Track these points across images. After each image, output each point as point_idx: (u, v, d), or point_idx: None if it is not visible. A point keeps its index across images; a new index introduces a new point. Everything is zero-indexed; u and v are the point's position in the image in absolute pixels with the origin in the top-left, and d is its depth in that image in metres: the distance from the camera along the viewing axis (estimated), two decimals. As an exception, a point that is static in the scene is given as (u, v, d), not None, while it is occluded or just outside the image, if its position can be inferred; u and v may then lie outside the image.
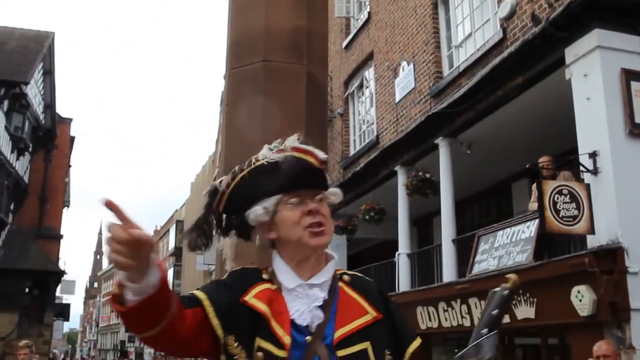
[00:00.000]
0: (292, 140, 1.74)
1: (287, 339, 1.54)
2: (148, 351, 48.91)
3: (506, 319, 9.10)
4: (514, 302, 8.92)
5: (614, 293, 7.31)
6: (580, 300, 7.59)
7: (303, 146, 1.71)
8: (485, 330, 1.59)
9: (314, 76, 3.24)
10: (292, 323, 1.58)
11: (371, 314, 1.67)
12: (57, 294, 27.16)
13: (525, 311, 8.71)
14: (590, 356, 6.41)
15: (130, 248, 1.33)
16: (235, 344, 1.55)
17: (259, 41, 3.18)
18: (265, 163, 1.69)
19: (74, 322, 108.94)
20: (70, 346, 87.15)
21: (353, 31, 16.38)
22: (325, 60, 3.46)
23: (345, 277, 1.74)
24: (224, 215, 1.76)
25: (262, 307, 1.58)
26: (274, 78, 3.13)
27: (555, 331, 9.28)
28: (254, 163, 1.71)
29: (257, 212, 1.67)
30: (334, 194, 1.79)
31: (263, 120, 3.09)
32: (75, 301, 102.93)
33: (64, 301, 31.47)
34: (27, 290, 21.47)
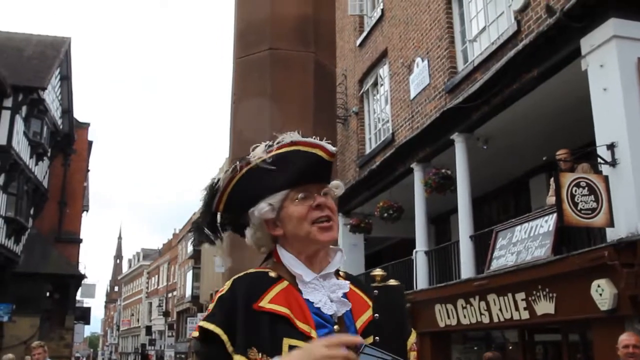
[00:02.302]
0: (294, 135, 1.68)
1: (314, 334, 1.53)
2: (169, 354, 49.15)
3: (525, 314, 9.00)
4: (532, 298, 8.82)
5: (635, 286, 7.17)
6: (601, 295, 7.47)
7: (310, 140, 1.66)
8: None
9: (322, 64, 3.20)
10: (318, 313, 1.56)
11: (371, 307, 1.65)
12: (78, 297, 27.34)
13: (544, 306, 8.60)
14: (612, 350, 6.29)
15: None
16: (259, 355, 1.49)
17: (265, 29, 3.15)
18: (268, 159, 1.64)
19: (95, 326, 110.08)
20: (92, 350, 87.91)
21: (367, 29, 16.32)
22: (334, 48, 3.42)
23: (341, 273, 1.72)
24: (220, 214, 1.72)
25: (282, 310, 1.54)
26: (281, 66, 3.09)
27: (576, 327, 9.15)
28: (254, 160, 1.65)
29: (262, 210, 1.63)
30: (337, 186, 1.74)
31: (271, 110, 3.05)
32: (96, 305, 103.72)
33: (85, 305, 31.63)
34: (47, 294, 21.66)
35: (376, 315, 1.60)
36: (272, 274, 1.62)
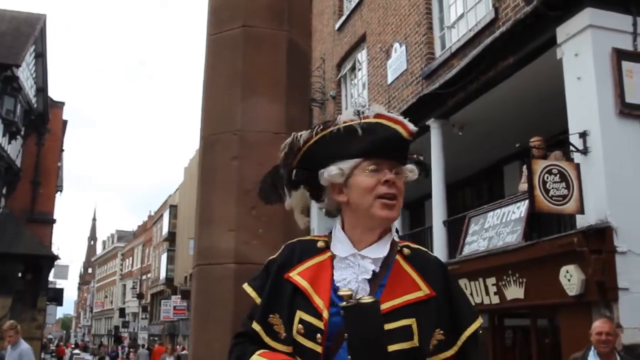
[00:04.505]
0: (380, 108, 1.71)
1: (325, 313, 1.55)
2: (142, 336, 49.04)
3: (495, 299, 9.13)
4: (503, 283, 8.94)
5: (602, 273, 7.32)
6: (569, 280, 7.60)
7: (394, 115, 1.68)
8: None
9: (295, 43, 3.19)
10: (337, 291, 1.57)
11: (424, 291, 1.60)
12: (51, 278, 27.03)
13: (514, 291, 8.73)
14: (579, 335, 6.42)
15: None
16: (280, 322, 1.59)
17: (240, 6, 3.12)
18: (352, 126, 1.65)
19: (68, 307, 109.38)
20: (64, 331, 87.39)
21: (346, 13, 16.26)
22: (308, 27, 3.41)
23: (405, 251, 1.68)
24: (295, 170, 1.74)
25: (303, 283, 1.60)
26: (254, 44, 3.07)
27: (545, 311, 9.30)
28: (338, 124, 1.68)
29: (331, 172, 1.65)
30: (411, 170, 1.73)
31: (242, 88, 3.04)
32: (69, 286, 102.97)
33: (58, 286, 31.31)
34: (19, 274, 21.39)
35: (345, 335, 1.52)
36: (321, 244, 1.68)
